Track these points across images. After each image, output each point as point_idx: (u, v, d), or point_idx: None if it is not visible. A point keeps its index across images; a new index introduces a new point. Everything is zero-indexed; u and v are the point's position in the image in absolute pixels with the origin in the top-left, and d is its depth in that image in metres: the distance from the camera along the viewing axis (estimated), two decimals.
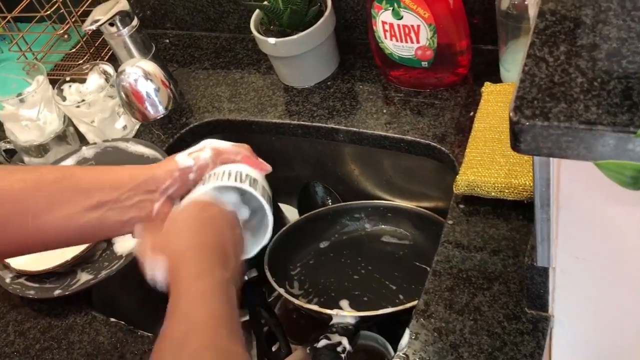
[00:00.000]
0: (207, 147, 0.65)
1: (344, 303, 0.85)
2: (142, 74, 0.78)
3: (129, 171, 0.64)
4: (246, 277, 0.91)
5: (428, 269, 0.87)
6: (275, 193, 1.01)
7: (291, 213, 1.04)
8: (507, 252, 0.69)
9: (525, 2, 0.75)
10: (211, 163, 0.64)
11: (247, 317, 0.89)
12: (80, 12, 1.06)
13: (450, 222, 0.73)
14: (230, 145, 0.66)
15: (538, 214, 0.51)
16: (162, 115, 0.82)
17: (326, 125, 0.90)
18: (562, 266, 0.56)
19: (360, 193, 0.99)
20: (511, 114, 0.41)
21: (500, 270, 0.67)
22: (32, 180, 0.59)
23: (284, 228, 0.93)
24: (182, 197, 0.63)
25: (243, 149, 0.66)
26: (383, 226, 0.95)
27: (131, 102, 0.80)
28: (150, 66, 0.79)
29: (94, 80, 0.92)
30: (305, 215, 0.96)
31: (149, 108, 0.81)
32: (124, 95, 0.81)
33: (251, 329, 0.82)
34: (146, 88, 0.79)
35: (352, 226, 0.96)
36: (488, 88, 0.81)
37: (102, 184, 0.61)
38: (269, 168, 0.66)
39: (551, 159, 0.46)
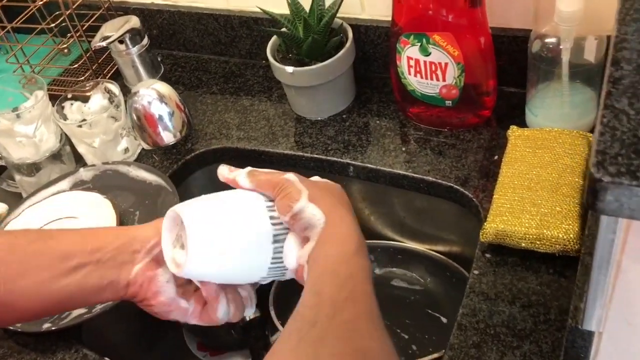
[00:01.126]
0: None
1: None
2: (156, 96, 0.74)
3: (115, 231, 0.59)
4: (247, 318, 0.85)
5: (442, 318, 0.83)
6: None
7: None
8: (537, 308, 0.64)
9: (560, 47, 0.72)
10: None
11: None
12: (85, 27, 1.02)
13: (476, 272, 0.69)
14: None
15: (595, 275, 0.47)
16: (175, 142, 0.77)
17: (341, 160, 0.86)
18: (611, 331, 0.51)
19: (370, 233, 0.94)
20: (593, 170, 0.37)
21: (531, 327, 0.63)
22: (5, 243, 0.54)
23: None
24: None
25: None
26: (393, 269, 0.91)
27: (143, 125, 0.75)
28: (166, 89, 0.75)
29: (97, 99, 0.87)
30: None
31: (162, 133, 0.76)
32: (135, 118, 0.76)
33: None
34: (160, 111, 0.74)
35: None
36: (515, 132, 0.78)
37: (84, 245, 0.55)
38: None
39: (620, 219, 0.43)
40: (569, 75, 0.74)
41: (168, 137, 0.77)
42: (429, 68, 0.80)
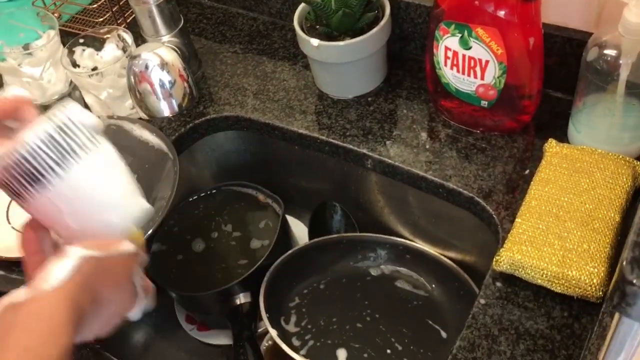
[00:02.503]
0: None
1: (341, 353, 0.75)
2: (158, 62, 0.67)
3: None
4: (238, 302, 0.81)
5: (442, 332, 0.78)
6: (288, 205, 0.91)
7: (301, 231, 0.94)
8: (543, 354, 0.58)
9: (620, 61, 0.63)
10: None
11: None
12: None
13: (482, 301, 0.63)
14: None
15: (610, 357, 0.41)
16: (175, 113, 0.71)
17: (357, 150, 0.79)
18: None
19: (381, 226, 0.88)
20: (625, 268, 0.30)
21: None
22: None
23: (289, 251, 0.83)
24: None
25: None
26: (399, 268, 0.85)
27: (140, 92, 0.69)
28: (170, 56, 0.68)
29: (111, 49, 0.81)
30: (315, 240, 0.85)
31: (160, 103, 0.70)
32: (133, 83, 0.70)
33: None
34: (160, 80, 0.68)
35: (365, 261, 0.86)
36: (552, 147, 0.70)
37: None
38: None
39: None
40: (625, 94, 0.65)
41: (166, 109, 0.71)
42: (468, 63, 0.71)
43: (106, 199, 0.52)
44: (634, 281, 0.29)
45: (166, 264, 0.85)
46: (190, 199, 0.91)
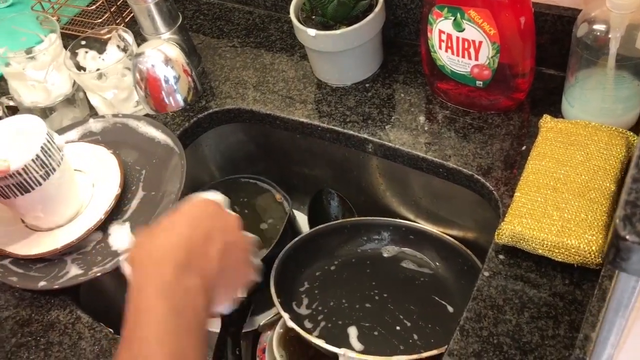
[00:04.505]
0: None
1: (352, 331, 0.78)
2: (162, 59, 0.69)
3: None
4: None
5: (448, 307, 0.80)
6: (292, 194, 0.93)
7: (301, 220, 0.96)
8: (546, 321, 0.60)
9: (609, 36, 0.65)
10: None
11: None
12: None
13: (486, 273, 0.65)
14: None
15: (610, 316, 0.43)
16: (180, 108, 0.73)
17: (358, 135, 0.81)
18: None
19: (383, 209, 0.91)
20: (618, 224, 0.32)
21: (537, 341, 0.59)
22: None
23: (295, 239, 0.85)
24: None
25: None
26: (404, 249, 0.87)
27: (146, 89, 0.71)
28: (173, 51, 0.70)
29: (113, 51, 0.83)
30: (320, 227, 0.88)
31: (166, 99, 0.72)
32: (139, 80, 0.72)
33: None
34: (165, 75, 0.70)
35: (369, 244, 0.88)
36: (547, 123, 0.72)
37: None
38: None
39: None
40: (615, 67, 0.67)
41: (172, 104, 0.73)
42: (462, 45, 0.73)
43: (69, 197, 0.73)
44: (627, 237, 0.31)
45: None
46: (199, 192, 0.93)
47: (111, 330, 0.69)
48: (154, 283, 0.49)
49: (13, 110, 0.96)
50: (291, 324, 0.72)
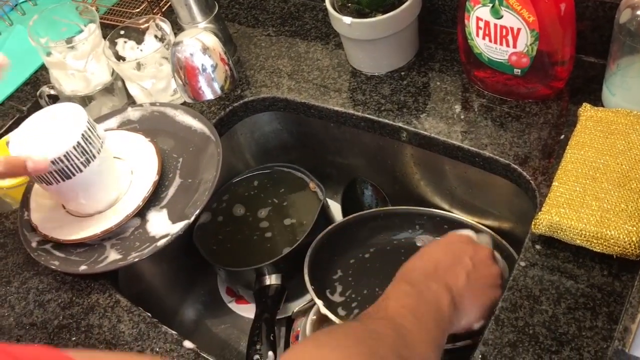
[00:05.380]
0: None
1: None
2: (200, 47, 0.70)
3: None
4: (267, 282, 0.84)
5: None
6: (326, 182, 0.94)
7: (334, 209, 0.96)
8: (584, 312, 0.60)
9: None
10: None
11: None
12: None
13: (522, 263, 0.64)
14: None
15: None
16: (218, 96, 0.74)
17: (393, 123, 0.81)
18: None
19: (417, 199, 0.90)
20: None
21: (574, 332, 0.59)
22: None
23: (329, 227, 0.86)
24: None
25: None
26: (438, 239, 0.87)
27: (184, 78, 0.72)
28: (211, 40, 0.71)
29: (151, 42, 0.84)
30: (354, 215, 0.88)
31: (204, 87, 0.73)
32: (178, 69, 0.73)
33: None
34: (203, 64, 0.71)
35: (403, 233, 0.88)
36: (587, 112, 0.71)
37: None
38: None
39: None
40: None
41: (210, 92, 0.74)
42: (500, 32, 0.72)
43: (108, 183, 0.75)
44: None
45: (211, 239, 0.89)
46: (235, 180, 0.94)
47: (149, 314, 0.71)
48: (403, 280, 0.61)
49: (54, 99, 0.98)
50: (324, 311, 0.73)
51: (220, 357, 0.88)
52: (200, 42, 0.70)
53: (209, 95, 0.73)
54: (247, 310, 0.91)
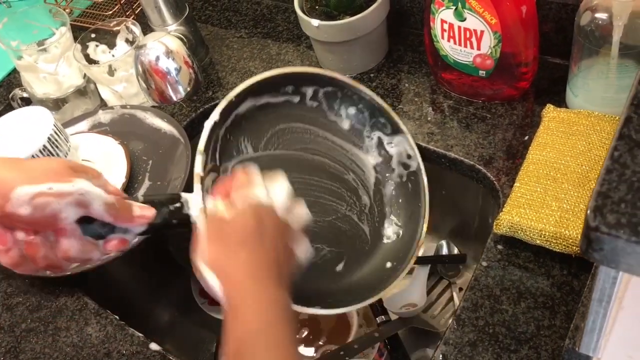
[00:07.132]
0: None
1: None
2: (164, 51, 0.70)
3: None
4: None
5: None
6: None
7: None
8: (543, 311, 0.60)
9: (612, 24, 0.64)
10: None
11: None
12: None
13: (484, 263, 0.65)
14: None
15: (594, 306, 0.43)
16: (181, 99, 0.74)
17: None
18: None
19: None
20: (589, 215, 0.32)
21: (532, 332, 0.59)
22: None
23: None
24: None
25: None
26: None
27: (148, 81, 0.72)
28: (175, 44, 0.71)
29: (123, 46, 0.85)
30: None
31: (168, 90, 0.73)
32: (141, 72, 0.73)
33: None
34: (167, 67, 0.71)
35: None
36: (550, 113, 0.72)
37: None
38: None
39: None
40: (618, 56, 0.66)
41: (173, 95, 0.74)
42: (464, 35, 0.73)
43: None
44: (598, 227, 0.32)
45: (182, 240, 0.89)
46: None
47: (116, 316, 0.71)
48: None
49: (26, 102, 0.98)
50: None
51: (192, 358, 0.88)
52: (164, 46, 0.71)
53: (173, 98, 0.73)
54: (220, 312, 0.91)
